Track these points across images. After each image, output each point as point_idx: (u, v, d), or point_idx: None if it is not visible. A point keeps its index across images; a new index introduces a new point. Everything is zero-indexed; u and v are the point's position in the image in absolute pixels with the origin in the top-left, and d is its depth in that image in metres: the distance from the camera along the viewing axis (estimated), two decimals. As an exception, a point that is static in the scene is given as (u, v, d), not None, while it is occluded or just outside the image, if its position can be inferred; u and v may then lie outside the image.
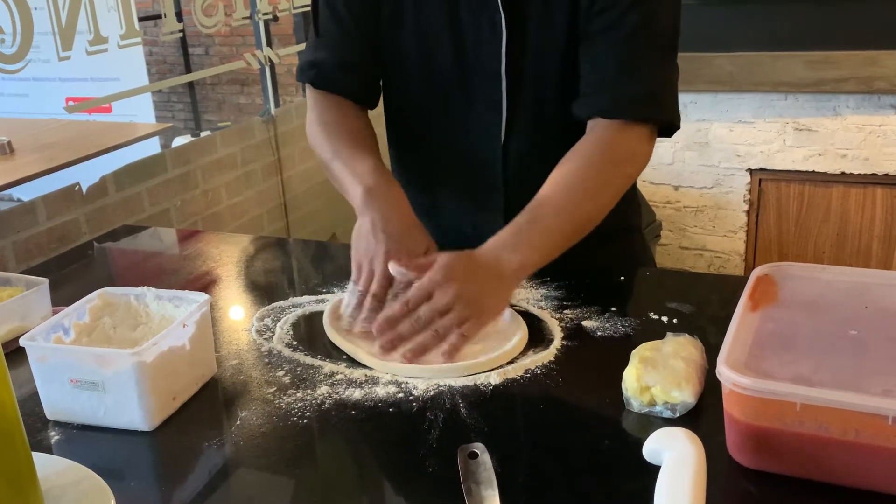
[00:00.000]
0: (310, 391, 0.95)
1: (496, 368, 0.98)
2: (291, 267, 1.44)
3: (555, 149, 1.17)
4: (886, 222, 2.98)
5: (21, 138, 2.40)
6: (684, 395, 0.86)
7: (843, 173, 2.99)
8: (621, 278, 1.24)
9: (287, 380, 0.98)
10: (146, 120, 3.49)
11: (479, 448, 0.81)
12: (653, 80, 1.17)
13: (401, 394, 0.94)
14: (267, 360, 1.03)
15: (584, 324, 1.08)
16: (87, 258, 1.49)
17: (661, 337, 0.97)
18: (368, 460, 0.87)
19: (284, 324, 1.13)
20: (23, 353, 0.91)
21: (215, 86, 5.80)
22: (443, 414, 0.89)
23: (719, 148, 3.14)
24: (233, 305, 1.22)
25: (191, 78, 4.95)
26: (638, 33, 1.14)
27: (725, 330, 0.83)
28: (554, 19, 1.16)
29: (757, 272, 0.96)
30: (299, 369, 1.00)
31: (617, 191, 1.16)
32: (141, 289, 1.01)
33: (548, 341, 1.04)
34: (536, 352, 1.02)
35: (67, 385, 0.89)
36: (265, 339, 1.09)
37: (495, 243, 1.06)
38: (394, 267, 1.03)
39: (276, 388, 0.96)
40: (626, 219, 1.38)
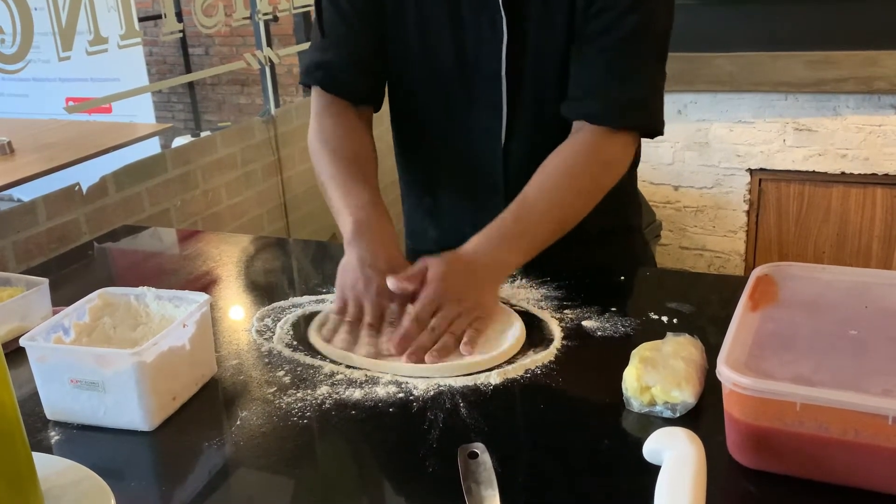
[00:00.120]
0: (310, 391, 0.95)
1: (496, 368, 0.98)
2: (291, 267, 1.44)
3: (555, 149, 1.18)
4: (886, 222, 2.99)
5: (21, 138, 2.40)
6: (684, 395, 0.86)
7: (843, 173, 2.99)
8: (621, 278, 1.24)
9: (287, 380, 0.98)
10: (146, 120, 3.49)
11: (480, 448, 0.81)
12: (641, 86, 1.18)
13: (401, 394, 0.94)
14: (267, 360, 1.03)
15: (585, 324, 1.08)
16: (87, 258, 1.49)
17: (661, 337, 0.97)
18: (368, 460, 0.87)
19: (284, 324, 1.13)
20: (23, 353, 0.91)
21: (215, 86, 5.80)
22: (443, 414, 0.89)
23: (719, 148, 3.14)
24: (233, 305, 1.22)
25: (191, 78, 4.95)
26: (632, 38, 1.15)
27: (725, 330, 0.83)
28: (554, 20, 1.16)
29: (757, 272, 0.96)
30: (299, 369, 1.00)
31: (598, 193, 1.17)
32: (141, 289, 1.01)
33: (548, 341, 1.04)
34: (536, 352, 1.02)
35: (67, 385, 0.89)
36: (265, 339, 1.09)
37: (484, 241, 1.09)
38: (392, 282, 1.05)
39: (276, 388, 0.96)
40: (626, 219, 1.38)
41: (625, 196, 1.33)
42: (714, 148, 3.15)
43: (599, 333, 1.06)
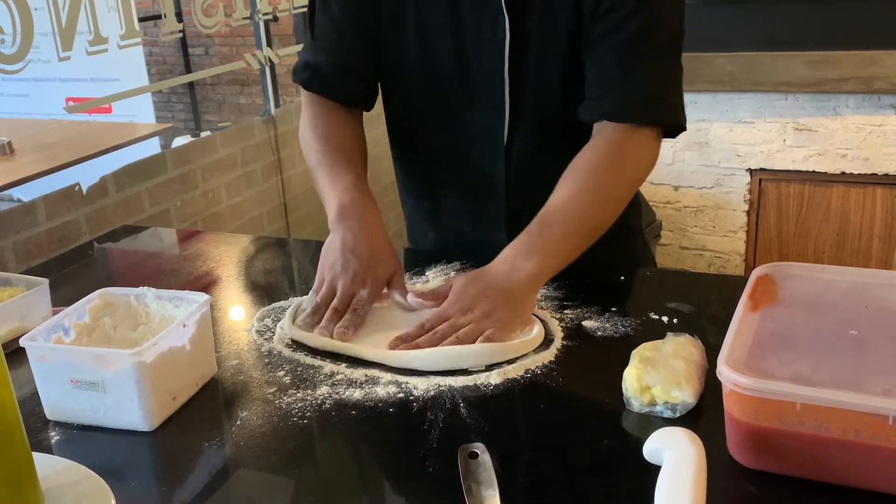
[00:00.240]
0: (310, 391, 0.95)
1: (496, 368, 0.98)
2: (291, 267, 1.44)
3: (557, 150, 1.17)
4: (886, 222, 2.99)
5: (21, 138, 2.40)
6: (684, 395, 0.86)
7: (843, 173, 2.99)
8: (621, 278, 1.24)
9: (287, 380, 0.98)
10: (146, 120, 3.49)
11: (480, 448, 0.81)
12: (659, 82, 1.16)
13: (401, 394, 0.94)
14: (267, 361, 1.03)
15: (585, 324, 1.08)
16: (87, 258, 1.49)
17: (661, 337, 0.97)
18: (368, 460, 0.87)
19: (284, 324, 1.13)
20: (23, 354, 0.91)
21: (215, 86, 5.80)
22: (443, 414, 0.89)
23: (719, 148, 3.14)
24: (233, 305, 1.22)
25: (191, 78, 4.95)
26: (643, 35, 1.13)
27: (725, 330, 0.83)
28: (556, 19, 1.16)
29: (757, 272, 0.96)
30: (299, 369, 1.00)
31: (626, 194, 1.16)
32: (141, 289, 1.01)
33: (548, 341, 1.04)
34: (536, 352, 1.02)
35: (67, 385, 0.89)
36: (265, 339, 1.09)
37: (509, 253, 1.07)
38: (413, 299, 1.08)
39: (276, 389, 0.96)
40: (626, 219, 1.37)
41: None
42: (714, 148, 3.15)
43: (599, 333, 1.06)
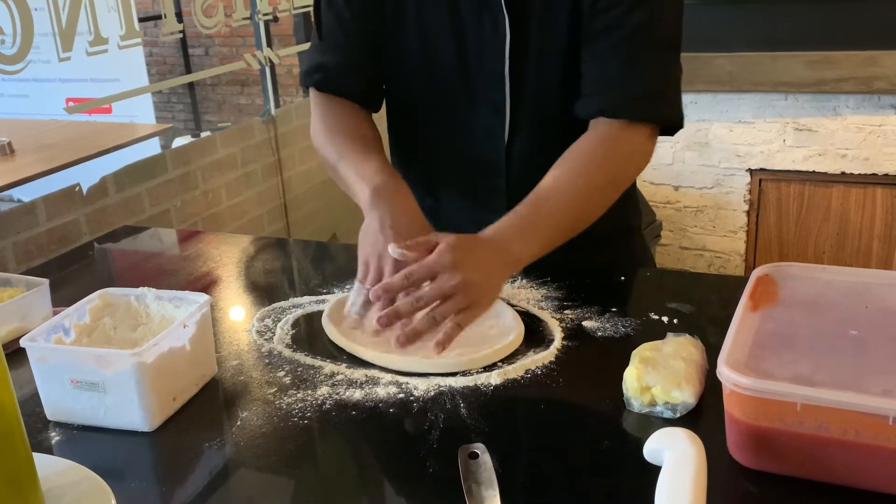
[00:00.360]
0: (310, 392, 0.95)
1: (496, 368, 0.98)
2: (292, 267, 1.44)
3: (558, 149, 1.17)
4: (886, 222, 2.99)
5: (21, 139, 2.40)
6: (685, 396, 0.86)
7: (843, 173, 2.99)
8: (621, 278, 1.24)
9: (287, 380, 0.98)
10: (146, 120, 3.49)
11: (480, 448, 0.81)
12: (656, 78, 1.16)
13: (401, 394, 0.94)
14: (267, 361, 1.03)
15: (585, 324, 1.08)
16: (87, 259, 1.50)
17: (661, 337, 0.97)
18: (369, 461, 0.87)
19: (285, 324, 1.13)
20: (23, 354, 0.91)
21: (215, 86, 5.81)
22: (443, 414, 0.89)
23: (719, 148, 3.14)
24: (233, 306, 1.22)
25: (191, 78, 4.95)
26: (641, 31, 1.13)
27: (725, 330, 0.83)
28: (557, 19, 1.16)
29: (757, 272, 0.96)
30: (300, 370, 1.00)
31: (617, 189, 1.16)
32: (141, 289, 1.01)
33: (548, 341, 1.04)
34: (536, 352, 1.02)
35: (68, 385, 0.89)
36: (265, 339, 1.09)
37: (502, 229, 1.04)
38: (393, 248, 1.00)
39: (276, 389, 0.96)
40: (626, 219, 1.38)
41: (624, 196, 1.32)
42: (714, 148, 3.15)
43: (600, 334, 1.06)
